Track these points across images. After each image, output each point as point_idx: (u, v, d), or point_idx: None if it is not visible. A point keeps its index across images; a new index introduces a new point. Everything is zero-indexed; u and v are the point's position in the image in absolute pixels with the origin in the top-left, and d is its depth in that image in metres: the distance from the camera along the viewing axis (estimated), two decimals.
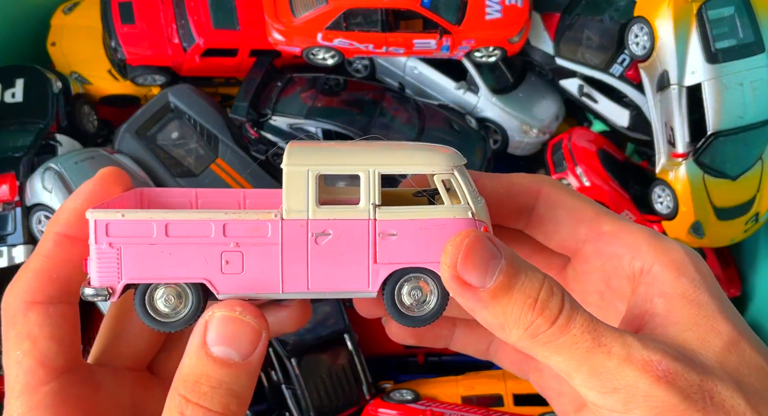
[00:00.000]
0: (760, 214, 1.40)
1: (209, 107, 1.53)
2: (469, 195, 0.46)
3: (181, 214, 0.46)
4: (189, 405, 0.41)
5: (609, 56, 1.47)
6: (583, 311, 0.41)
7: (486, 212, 0.48)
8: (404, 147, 0.49)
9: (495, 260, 0.41)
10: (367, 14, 1.41)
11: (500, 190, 0.51)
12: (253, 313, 0.43)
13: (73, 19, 1.62)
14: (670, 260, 0.45)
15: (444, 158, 0.47)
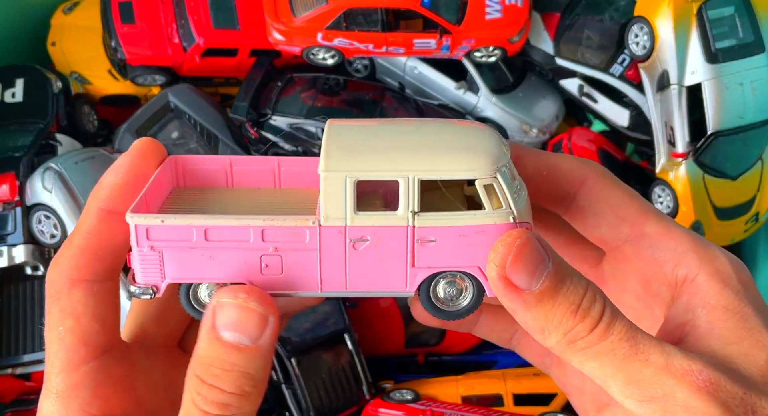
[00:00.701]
0: (760, 214, 1.40)
1: (209, 106, 1.53)
2: (510, 197, 0.45)
3: (219, 220, 0.45)
4: (204, 385, 0.42)
5: (609, 56, 1.47)
6: (623, 318, 0.40)
7: (528, 209, 0.47)
8: (446, 145, 0.46)
9: (543, 263, 0.41)
10: (367, 14, 1.41)
11: (543, 171, 0.49)
12: (258, 298, 0.43)
13: (73, 19, 1.62)
14: (716, 270, 0.43)
15: (487, 161, 0.45)
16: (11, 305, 1.32)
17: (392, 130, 0.48)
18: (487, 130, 0.48)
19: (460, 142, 0.46)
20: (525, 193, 0.47)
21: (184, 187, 0.55)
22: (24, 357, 1.31)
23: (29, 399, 1.38)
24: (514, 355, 1.48)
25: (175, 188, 0.54)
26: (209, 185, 0.55)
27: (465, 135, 0.47)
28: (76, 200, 1.30)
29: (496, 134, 0.48)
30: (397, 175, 0.44)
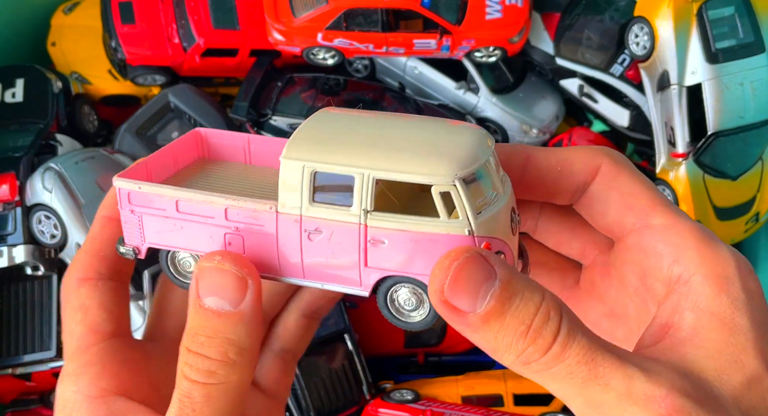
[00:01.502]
0: (760, 214, 1.40)
1: (209, 107, 1.53)
2: (469, 208, 0.42)
3: (188, 193, 0.47)
4: (190, 354, 0.43)
5: (609, 56, 1.47)
6: (583, 337, 0.37)
7: (500, 221, 0.44)
8: (414, 146, 0.44)
9: (488, 282, 0.38)
10: (368, 14, 1.41)
11: (558, 167, 0.47)
12: (234, 260, 0.43)
13: (73, 19, 1.62)
14: (715, 273, 0.40)
15: (446, 168, 0.42)
16: (11, 305, 1.32)
17: (373, 125, 0.47)
18: (473, 133, 0.45)
19: (432, 144, 0.44)
20: (503, 203, 0.44)
21: (207, 158, 0.57)
22: (24, 357, 1.31)
23: (29, 399, 1.38)
24: None
25: (200, 158, 0.57)
26: (229, 159, 0.56)
27: (443, 137, 0.45)
28: (76, 200, 1.30)
29: (481, 139, 0.45)
30: (354, 171, 0.43)
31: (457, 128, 0.47)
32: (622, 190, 0.45)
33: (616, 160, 0.47)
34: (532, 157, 0.47)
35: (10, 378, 1.37)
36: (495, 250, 0.43)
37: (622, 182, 0.46)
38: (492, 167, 0.44)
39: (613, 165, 0.46)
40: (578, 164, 0.46)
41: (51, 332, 1.31)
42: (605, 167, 0.46)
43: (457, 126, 0.47)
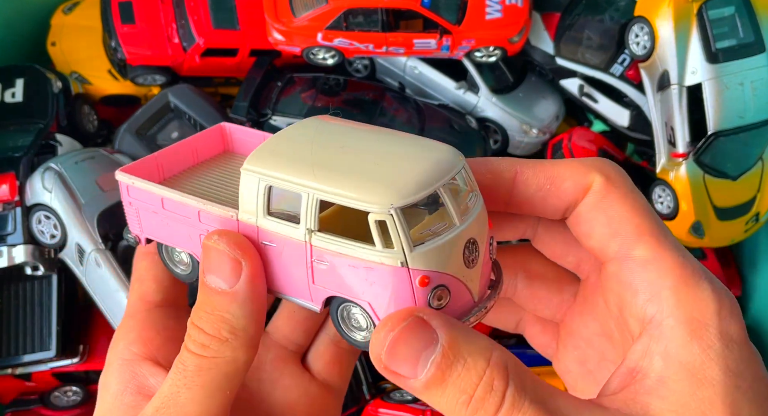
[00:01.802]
0: (760, 214, 1.40)
1: (209, 106, 1.53)
2: (404, 239, 0.40)
3: (169, 193, 0.49)
4: (192, 326, 0.45)
5: (609, 56, 1.47)
6: (529, 405, 0.36)
7: (442, 256, 0.42)
8: (365, 169, 0.43)
9: (428, 349, 0.37)
10: (368, 14, 1.41)
11: (547, 185, 0.44)
12: (228, 241, 0.44)
13: (73, 19, 1.62)
14: (690, 317, 0.37)
15: (384, 197, 0.40)
16: (11, 305, 1.32)
17: (342, 141, 0.46)
18: (436, 157, 0.44)
19: (384, 169, 0.43)
20: (453, 234, 0.42)
21: (231, 152, 0.59)
22: (24, 357, 1.31)
23: (29, 399, 1.38)
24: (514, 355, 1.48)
25: (224, 152, 0.58)
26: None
27: (401, 161, 0.43)
28: (75, 200, 1.29)
29: (440, 165, 0.43)
30: (301, 190, 0.43)
31: (424, 149, 0.45)
32: (609, 213, 0.43)
33: (609, 178, 0.44)
34: (520, 173, 0.45)
35: (10, 378, 1.37)
36: (435, 284, 0.41)
37: (610, 205, 0.43)
38: (447, 195, 0.42)
39: (604, 185, 0.43)
40: (568, 181, 0.44)
41: (51, 332, 1.31)
42: (596, 187, 0.44)
43: (428, 146, 0.45)
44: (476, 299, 0.44)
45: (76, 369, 1.38)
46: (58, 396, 1.38)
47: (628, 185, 0.44)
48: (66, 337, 1.33)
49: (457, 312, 0.43)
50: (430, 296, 0.41)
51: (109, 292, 1.28)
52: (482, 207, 0.45)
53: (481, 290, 0.44)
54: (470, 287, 0.43)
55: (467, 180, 0.45)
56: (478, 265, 0.44)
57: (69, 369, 1.36)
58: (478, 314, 0.44)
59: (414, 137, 0.47)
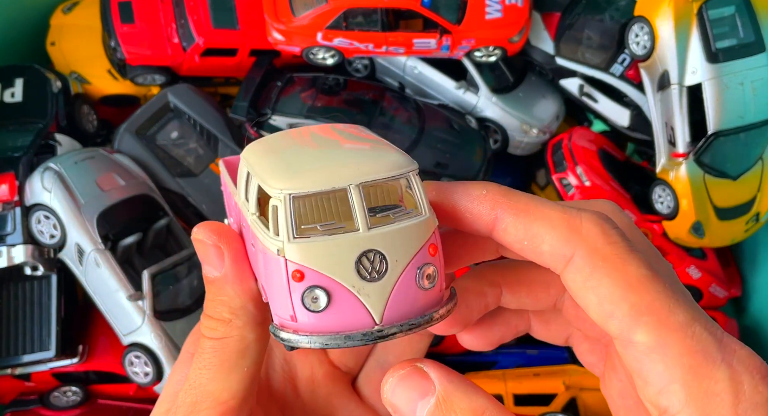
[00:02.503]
0: (760, 214, 1.40)
1: (209, 106, 1.53)
2: (285, 228, 0.39)
3: (230, 187, 0.50)
4: (203, 316, 0.47)
5: (609, 56, 1.47)
6: None
7: (325, 255, 0.39)
8: (293, 163, 0.41)
9: (423, 399, 0.38)
10: (367, 14, 1.41)
11: (523, 241, 0.40)
12: (206, 230, 0.46)
13: (72, 19, 1.62)
14: (704, 413, 0.34)
15: (282, 183, 0.39)
16: (11, 306, 1.32)
17: (307, 142, 0.45)
18: (370, 161, 0.41)
19: (311, 163, 0.41)
20: (347, 239, 0.39)
21: None
22: (23, 357, 1.31)
23: (28, 399, 1.38)
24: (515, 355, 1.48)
25: None
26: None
27: (335, 158, 0.41)
28: (75, 200, 1.29)
29: (368, 167, 0.40)
30: (246, 171, 0.44)
31: (372, 153, 0.42)
32: (598, 292, 0.37)
33: (594, 248, 0.38)
34: (500, 220, 0.40)
35: (10, 379, 1.37)
36: (311, 283, 0.39)
37: (600, 283, 0.37)
38: (358, 198, 0.39)
39: (589, 258, 0.37)
40: (546, 246, 0.39)
41: (50, 332, 1.31)
42: (578, 260, 0.38)
43: (379, 151, 0.42)
44: (378, 321, 0.40)
45: (76, 370, 1.38)
46: (58, 397, 1.38)
47: (619, 249, 0.38)
48: (65, 337, 1.33)
49: (343, 326, 0.40)
50: (304, 295, 0.39)
51: (109, 292, 1.27)
52: (418, 227, 0.40)
53: (392, 316, 0.40)
54: (367, 304, 0.40)
55: (404, 194, 0.42)
56: (383, 283, 0.40)
57: (68, 369, 1.36)
58: (372, 338, 0.40)
59: (381, 143, 0.44)
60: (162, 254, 1.37)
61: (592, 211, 0.39)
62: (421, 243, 0.40)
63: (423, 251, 0.40)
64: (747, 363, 0.35)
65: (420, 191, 0.41)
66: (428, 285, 0.40)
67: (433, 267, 0.40)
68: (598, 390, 1.31)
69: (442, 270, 0.41)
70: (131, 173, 1.40)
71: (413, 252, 0.40)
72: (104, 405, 1.38)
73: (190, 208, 1.47)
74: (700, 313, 0.36)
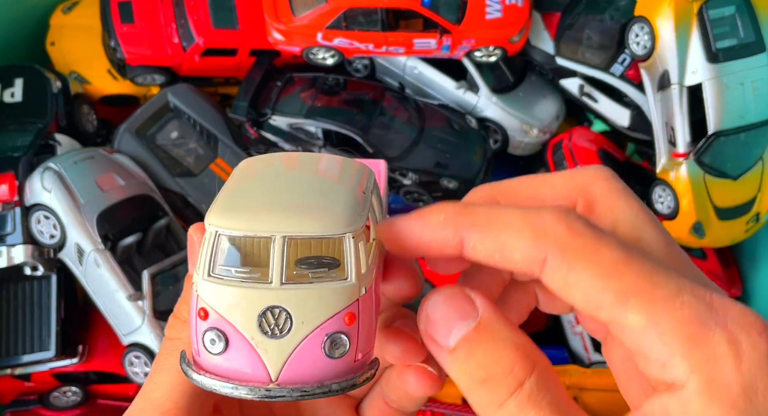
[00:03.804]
0: (760, 214, 1.40)
1: (209, 106, 1.53)
2: (201, 262, 0.38)
3: None
4: (171, 316, 0.45)
5: (609, 56, 1.47)
6: (548, 406, 0.35)
7: (229, 299, 0.38)
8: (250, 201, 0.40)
9: (464, 321, 0.38)
10: (367, 14, 1.41)
11: (494, 255, 0.39)
12: (195, 226, 0.44)
13: (72, 19, 1.62)
14: (709, 379, 0.34)
15: (214, 217, 0.39)
16: (10, 306, 1.32)
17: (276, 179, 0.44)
18: (319, 211, 0.39)
19: (265, 195, 0.40)
20: (252, 289, 0.38)
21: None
22: (23, 358, 1.31)
23: (28, 399, 1.38)
24: None
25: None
26: None
27: (292, 200, 0.40)
28: (75, 200, 1.29)
29: (306, 220, 0.38)
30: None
31: (314, 207, 0.40)
32: (581, 287, 0.37)
33: (566, 245, 0.38)
34: (466, 240, 0.40)
35: (9, 379, 1.37)
36: (211, 325, 0.38)
37: (580, 278, 0.37)
38: (279, 251, 0.38)
39: (560, 256, 0.37)
40: (518, 254, 0.38)
41: (50, 332, 1.31)
42: (552, 261, 0.37)
43: (328, 207, 0.40)
44: (274, 378, 0.39)
45: (76, 370, 1.38)
46: (58, 397, 1.38)
47: (588, 239, 0.37)
48: (65, 337, 1.33)
49: (236, 375, 0.39)
50: (205, 334, 0.38)
51: (109, 292, 1.27)
52: (335, 293, 0.39)
53: (290, 377, 0.39)
54: (265, 359, 0.38)
55: (336, 254, 0.40)
56: (285, 342, 0.38)
57: (68, 369, 1.36)
58: (259, 395, 0.38)
59: (349, 190, 0.42)
60: (162, 254, 1.37)
61: (551, 208, 0.39)
62: (335, 310, 0.38)
63: (336, 319, 0.39)
64: (742, 322, 0.35)
65: (352, 256, 0.39)
66: (336, 354, 0.39)
67: (344, 337, 0.39)
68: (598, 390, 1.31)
69: (358, 341, 0.39)
70: (131, 173, 1.40)
71: (323, 318, 0.38)
72: (104, 405, 1.38)
73: (190, 208, 1.47)
74: (684, 281, 0.36)
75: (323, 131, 1.47)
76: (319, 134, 1.48)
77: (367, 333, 0.40)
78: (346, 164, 0.45)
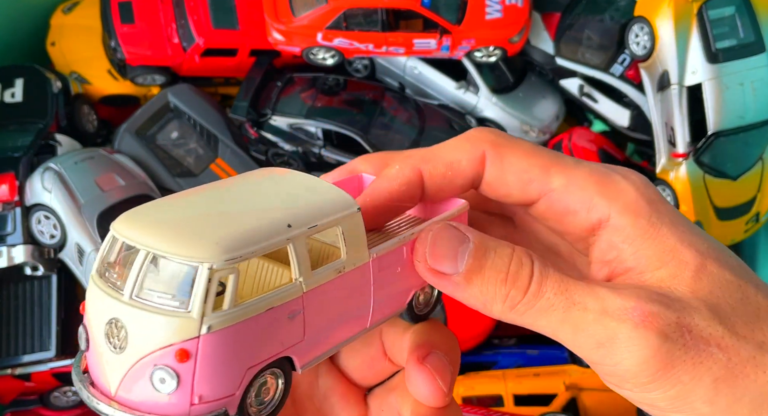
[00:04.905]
0: (760, 214, 1.40)
1: (209, 106, 1.53)
2: (95, 263, 0.38)
3: None
4: None
5: (609, 56, 1.47)
6: (554, 273, 0.42)
7: (93, 300, 0.37)
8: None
9: (463, 245, 0.43)
10: (367, 14, 1.41)
11: (447, 173, 0.48)
12: None
13: (72, 19, 1.62)
14: (624, 204, 0.44)
15: (118, 219, 0.38)
16: (11, 306, 1.32)
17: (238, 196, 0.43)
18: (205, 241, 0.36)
19: (180, 208, 0.40)
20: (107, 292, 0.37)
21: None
22: (23, 358, 1.31)
23: (28, 399, 1.38)
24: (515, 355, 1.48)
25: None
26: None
27: (191, 216, 0.39)
28: (75, 200, 1.29)
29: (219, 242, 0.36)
30: None
31: (197, 229, 0.38)
32: (513, 170, 0.47)
33: (495, 141, 0.48)
34: (423, 172, 0.48)
35: (10, 379, 1.37)
36: (81, 322, 0.38)
37: (511, 162, 0.47)
38: (137, 265, 0.36)
39: (494, 148, 0.47)
40: (464, 161, 0.48)
41: (50, 332, 1.31)
42: (490, 155, 0.47)
43: (215, 232, 0.38)
44: (113, 394, 0.37)
45: None
46: (58, 397, 1.38)
47: (511, 139, 0.48)
48: (65, 337, 1.33)
49: (92, 376, 0.38)
50: (79, 329, 0.39)
51: None
52: (169, 323, 0.35)
53: (125, 399, 0.36)
54: (107, 371, 0.37)
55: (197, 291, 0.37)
56: (122, 359, 0.36)
57: (68, 369, 1.36)
58: (91, 406, 0.37)
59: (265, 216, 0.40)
60: None
61: (475, 127, 0.50)
62: (166, 342, 0.35)
63: (167, 352, 0.35)
64: (625, 169, 0.46)
65: (200, 289, 0.35)
66: (162, 390, 0.36)
67: (171, 373, 0.35)
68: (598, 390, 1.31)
69: (194, 383, 0.36)
70: (131, 173, 1.40)
71: (154, 347, 0.35)
72: None
73: None
74: (578, 158, 0.48)
75: (323, 131, 1.47)
76: (319, 134, 1.48)
77: (214, 377, 0.36)
78: (326, 196, 0.43)
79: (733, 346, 0.39)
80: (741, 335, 0.40)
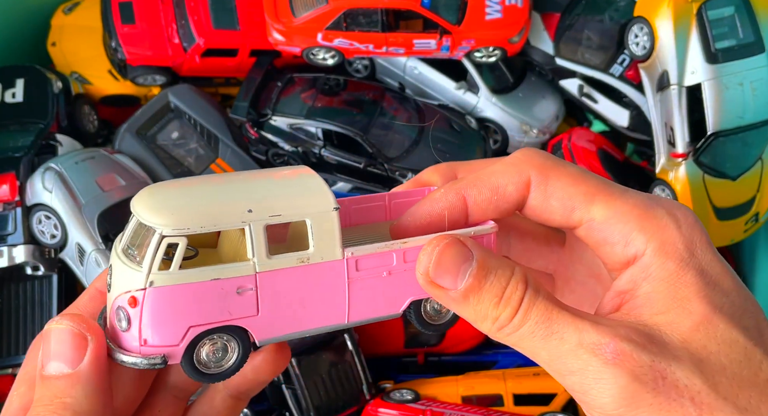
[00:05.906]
0: (760, 214, 1.40)
1: (209, 106, 1.53)
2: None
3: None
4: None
5: (609, 56, 1.48)
6: (542, 300, 0.43)
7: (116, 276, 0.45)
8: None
9: (466, 263, 0.44)
10: (368, 14, 1.41)
11: (492, 198, 0.49)
12: (74, 318, 0.44)
13: (73, 20, 1.62)
14: (661, 243, 0.44)
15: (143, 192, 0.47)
16: (11, 305, 1.32)
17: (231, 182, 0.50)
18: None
19: (200, 191, 0.47)
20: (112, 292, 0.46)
21: (348, 227, 0.54)
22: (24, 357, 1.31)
23: None
24: (515, 355, 1.48)
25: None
26: (371, 221, 0.55)
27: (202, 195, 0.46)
28: (76, 200, 1.30)
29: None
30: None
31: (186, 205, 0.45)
32: (557, 196, 0.47)
33: (542, 165, 0.48)
34: (468, 197, 0.49)
35: (10, 378, 1.37)
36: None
37: (556, 188, 0.47)
38: (129, 227, 0.46)
39: (541, 174, 0.48)
40: (510, 186, 0.48)
41: None
42: (535, 180, 0.48)
43: (203, 209, 0.45)
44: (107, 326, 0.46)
45: None
46: None
47: (559, 164, 0.49)
48: None
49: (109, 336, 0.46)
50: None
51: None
52: (130, 274, 0.44)
53: (109, 331, 0.46)
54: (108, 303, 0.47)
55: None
56: (110, 297, 0.46)
57: None
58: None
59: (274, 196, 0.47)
60: None
61: (521, 149, 0.50)
62: (124, 289, 0.43)
63: (124, 296, 0.43)
64: (673, 203, 0.47)
65: (151, 251, 0.43)
66: (120, 326, 0.44)
67: (124, 313, 0.43)
68: None
69: (141, 326, 0.43)
70: (132, 173, 1.40)
71: (119, 291, 0.44)
72: None
73: None
74: (626, 187, 0.48)
75: (323, 132, 1.48)
76: (319, 135, 1.48)
77: (155, 326, 0.43)
78: (309, 194, 0.47)
79: (709, 404, 0.39)
80: (723, 395, 0.39)
